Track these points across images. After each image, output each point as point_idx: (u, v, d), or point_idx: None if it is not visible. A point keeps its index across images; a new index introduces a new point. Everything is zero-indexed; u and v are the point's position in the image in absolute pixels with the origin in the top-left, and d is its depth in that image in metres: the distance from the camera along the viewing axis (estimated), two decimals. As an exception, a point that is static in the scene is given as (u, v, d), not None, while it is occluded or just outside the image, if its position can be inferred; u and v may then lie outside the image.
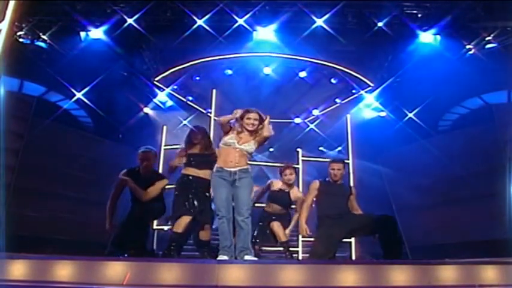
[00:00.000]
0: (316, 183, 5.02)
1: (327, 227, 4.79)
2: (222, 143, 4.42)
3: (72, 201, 8.61)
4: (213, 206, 4.69)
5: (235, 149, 4.30)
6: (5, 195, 7.36)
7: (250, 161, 4.53)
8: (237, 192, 4.23)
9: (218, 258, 4.13)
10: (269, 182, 5.85)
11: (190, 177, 4.91)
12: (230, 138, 4.35)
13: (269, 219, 5.65)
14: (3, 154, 7.14)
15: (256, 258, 4.21)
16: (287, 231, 5.65)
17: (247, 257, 4.11)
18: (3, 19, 3.74)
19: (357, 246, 9.36)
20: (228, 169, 4.28)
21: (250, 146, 4.36)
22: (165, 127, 10.61)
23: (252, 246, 4.70)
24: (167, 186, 5.28)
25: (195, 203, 4.77)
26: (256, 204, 5.84)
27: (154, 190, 5.07)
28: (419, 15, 8.72)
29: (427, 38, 8.89)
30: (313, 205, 5.14)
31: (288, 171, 5.65)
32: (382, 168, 10.26)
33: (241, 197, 4.21)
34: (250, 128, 4.33)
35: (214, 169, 4.41)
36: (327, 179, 5.08)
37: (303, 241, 7.69)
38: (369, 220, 4.88)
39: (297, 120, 11.38)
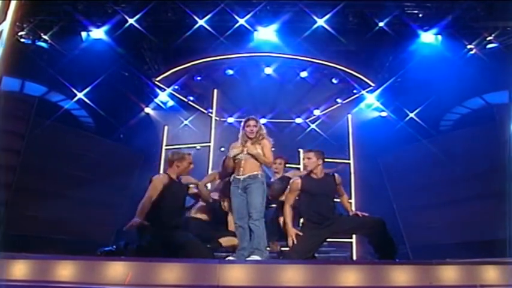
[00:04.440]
0: (297, 183, 4.69)
1: (309, 229, 4.65)
2: (232, 156, 4.67)
3: (73, 201, 8.62)
4: None
5: (243, 159, 4.58)
6: (7, 195, 7.40)
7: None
8: (248, 197, 4.46)
9: (227, 258, 4.39)
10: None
11: None
12: (237, 151, 4.64)
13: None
14: (3, 154, 7.17)
15: (259, 258, 4.24)
16: None
17: (252, 257, 4.20)
18: (4, 19, 3.74)
19: (358, 247, 9.39)
20: (238, 177, 4.56)
21: (256, 150, 4.60)
22: (166, 127, 10.67)
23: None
24: None
25: None
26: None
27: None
28: (420, 15, 8.71)
29: (428, 38, 8.87)
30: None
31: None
32: (383, 168, 10.25)
33: (250, 202, 4.43)
34: (250, 136, 4.63)
35: (231, 179, 4.68)
36: (309, 174, 4.82)
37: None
38: (356, 223, 4.72)
39: (298, 120, 11.37)
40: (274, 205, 5.71)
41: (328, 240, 7.14)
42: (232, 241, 4.90)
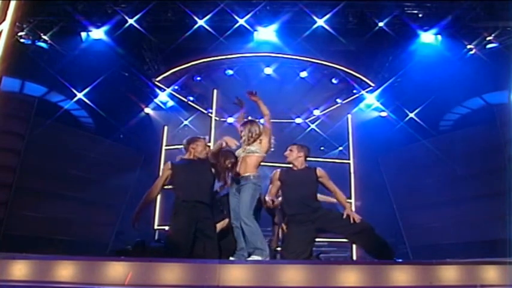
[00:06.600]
0: (276, 173, 4.85)
1: (295, 225, 4.61)
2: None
3: (73, 201, 8.63)
4: None
5: (241, 158, 4.61)
6: (7, 195, 7.41)
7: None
8: (240, 198, 4.48)
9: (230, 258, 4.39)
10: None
11: None
12: (240, 150, 4.67)
13: None
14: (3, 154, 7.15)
15: (259, 258, 4.22)
16: None
17: (252, 257, 4.19)
18: (4, 19, 3.74)
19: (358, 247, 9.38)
20: (235, 178, 4.59)
21: (254, 146, 4.60)
22: (166, 127, 10.68)
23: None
24: None
25: None
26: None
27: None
28: (420, 15, 8.71)
29: (428, 38, 8.86)
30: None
31: None
32: (383, 168, 10.26)
33: (240, 202, 4.44)
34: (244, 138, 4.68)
35: None
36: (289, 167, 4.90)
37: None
38: (343, 224, 4.54)
39: (298, 121, 11.38)
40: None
41: (328, 240, 7.09)
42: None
